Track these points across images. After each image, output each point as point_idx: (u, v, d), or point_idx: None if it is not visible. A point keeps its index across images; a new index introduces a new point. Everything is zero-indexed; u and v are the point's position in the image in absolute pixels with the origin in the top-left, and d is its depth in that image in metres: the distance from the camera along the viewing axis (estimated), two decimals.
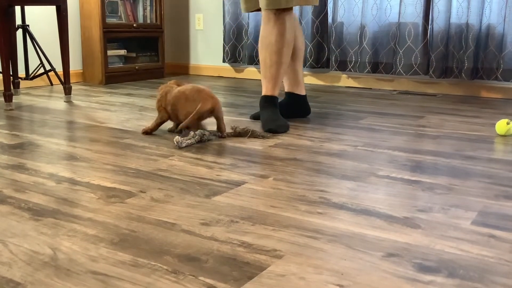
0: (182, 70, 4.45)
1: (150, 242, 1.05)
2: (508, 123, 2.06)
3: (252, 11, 2.37)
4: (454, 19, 3.17)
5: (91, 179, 1.46)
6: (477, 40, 3.10)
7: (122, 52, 3.76)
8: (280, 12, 2.14)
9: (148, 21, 3.91)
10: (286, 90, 2.43)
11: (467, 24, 3.11)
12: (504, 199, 1.33)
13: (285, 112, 2.39)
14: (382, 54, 3.42)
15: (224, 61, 4.06)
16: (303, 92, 2.41)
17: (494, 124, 2.23)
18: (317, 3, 2.25)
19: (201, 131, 1.91)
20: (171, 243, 1.05)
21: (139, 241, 1.06)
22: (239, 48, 4.00)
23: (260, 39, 2.22)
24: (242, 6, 2.36)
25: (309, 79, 3.85)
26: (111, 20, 3.64)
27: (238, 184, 1.44)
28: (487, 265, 0.97)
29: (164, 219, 1.17)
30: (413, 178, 1.50)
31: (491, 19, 3.06)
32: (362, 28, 3.43)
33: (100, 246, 1.03)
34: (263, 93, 2.24)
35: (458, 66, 3.19)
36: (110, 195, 1.34)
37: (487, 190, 1.41)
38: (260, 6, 2.18)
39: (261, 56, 2.22)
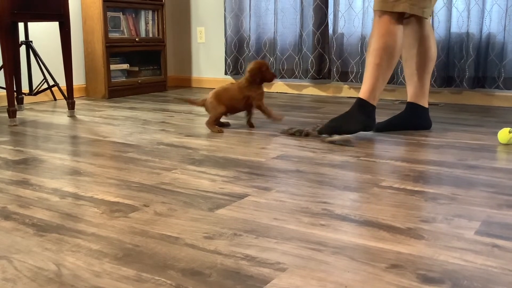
0: (184, 83, 4.47)
1: (153, 256, 1.06)
2: (510, 132, 2.06)
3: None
4: (454, 29, 3.19)
5: (94, 194, 1.47)
6: (478, 49, 3.11)
7: (125, 66, 3.79)
8: (383, 13, 2.11)
9: (150, 35, 3.94)
10: (408, 100, 2.38)
11: (467, 33, 3.12)
12: (507, 208, 1.33)
13: (407, 123, 2.34)
14: None
15: (226, 73, 4.09)
16: (426, 105, 2.35)
17: (496, 133, 2.22)
18: (427, 17, 2.19)
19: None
20: (175, 257, 1.05)
21: (142, 256, 1.06)
22: (240, 60, 4.03)
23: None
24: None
25: (311, 90, 3.86)
26: (113, 35, 3.67)
27: (241, 196, 1.44)
28: (491, 276, 0.96)
29: (168, 233, 1.18)
30: (416, 189, 1.50)
31: (491, 28, 3.08)
32: (363, 39, 3.45)
33: (104, 261, 1.03)
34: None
35: (460, 75, 3.20)
36: (114, 209, 1.34)
37: (490, 199, 1.40)
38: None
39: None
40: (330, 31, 3.61)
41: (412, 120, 2.36)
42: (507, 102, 3.18)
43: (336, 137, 2.04)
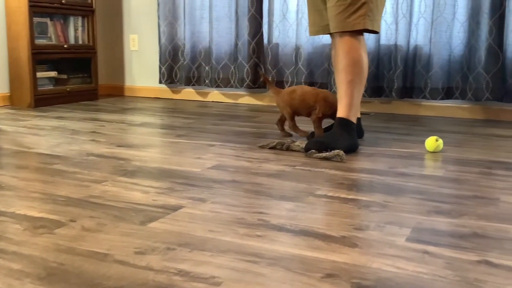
0: (117, 91, 4.35)
1: (80, 275, 0.99)
2: (437, 140, 2.15)
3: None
4: (383, 41, 3.30)
5: (16, 209, 1.38)
6: (405, 61, 3.24)
7: (53, 74, 3.63)
8: (343, 33, 2.13)
9: (80, 42, 3.80)
10: None
11: (395, 45, 3.24)
12: (435, 214, 1.38)
13: None
14: (317, 75, 3.50)
15: (160, 82, 4.01)
16: (358, 115, 2.35)
17: (424, 141, 2.31)
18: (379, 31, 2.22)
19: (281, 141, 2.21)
20: (103, 275, 0.99)
21: (68, 275, 0.99)
22: (175, 69, 3.97)
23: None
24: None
25: (247, 100, 3.86)
26: (40, 41, 3.50)
27: (175, 208, 1.40)
28: (422, 282, 0.98)
29: (96, 250, 1.11)
30: (350, 197, 1.53)
31: (418, 40, 3.22)
32: (297, 49, 3.50)
33: (25, 282, 0.96)
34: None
35: (389, 85, 3.31)
36: (37, 225, 1.26)
37: (420, 206, 1.45)
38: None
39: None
40: (265, 41, 3.64)
41: None
42: (433, 112, 3.33)
43: (326, 153, 2.01)
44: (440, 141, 2.16)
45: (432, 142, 2.16)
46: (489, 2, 2.97)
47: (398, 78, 3.24)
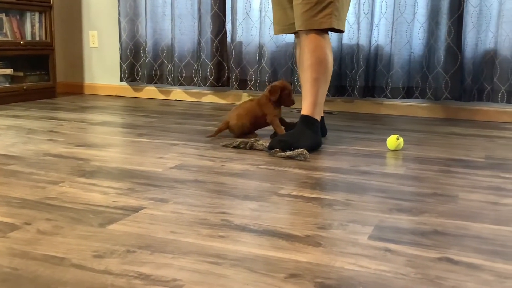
0: (76, 89, 4.24)
1: (35, 280, 0.95)
2: (397, 139, 2.18)
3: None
4: (346, 40, 3.34)
5: None
6: (367, 60, 3.28)
7: (8, 71, 3.50)
8: (310, 31, 2.13)
9: (37, 39, 3.68)
10: None
11: (358, 45, 3.28)
12: (397, 212, 1.39)
13: None
14: (280, 73, 3.50)
15: (121, 80, 3.93)
16: (321, 114, 2.34)
17: (385, 139, 2.34)
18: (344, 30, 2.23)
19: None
20: (59, 281, 0.95)
21: (22, 280, 0.95)
22: (137, 66, 3.90)
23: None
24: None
25: (210, 98, 3.83)
26: None
27: (135, 210, 1.36)
28: (384, 280, 0.99)
29: (52, 254, 1.07)
30: (313, 196, 1.52)
31: (379, 40, 3.26)
32: (261, 47, 3.49)
33: None
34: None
35: (351, 84, 3.35)
36: None
37: (382, 204, 1.46)
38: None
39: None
40: (229, 39, 3.62)
41: None
42: (394, 111, 3.39)
43: (289, 152, 2.00)
44: (401, 139, 2.19)
45: (393, 141, 2.19)
46: (448, 3, 3.05)
47: (360, 77, 3.28)
